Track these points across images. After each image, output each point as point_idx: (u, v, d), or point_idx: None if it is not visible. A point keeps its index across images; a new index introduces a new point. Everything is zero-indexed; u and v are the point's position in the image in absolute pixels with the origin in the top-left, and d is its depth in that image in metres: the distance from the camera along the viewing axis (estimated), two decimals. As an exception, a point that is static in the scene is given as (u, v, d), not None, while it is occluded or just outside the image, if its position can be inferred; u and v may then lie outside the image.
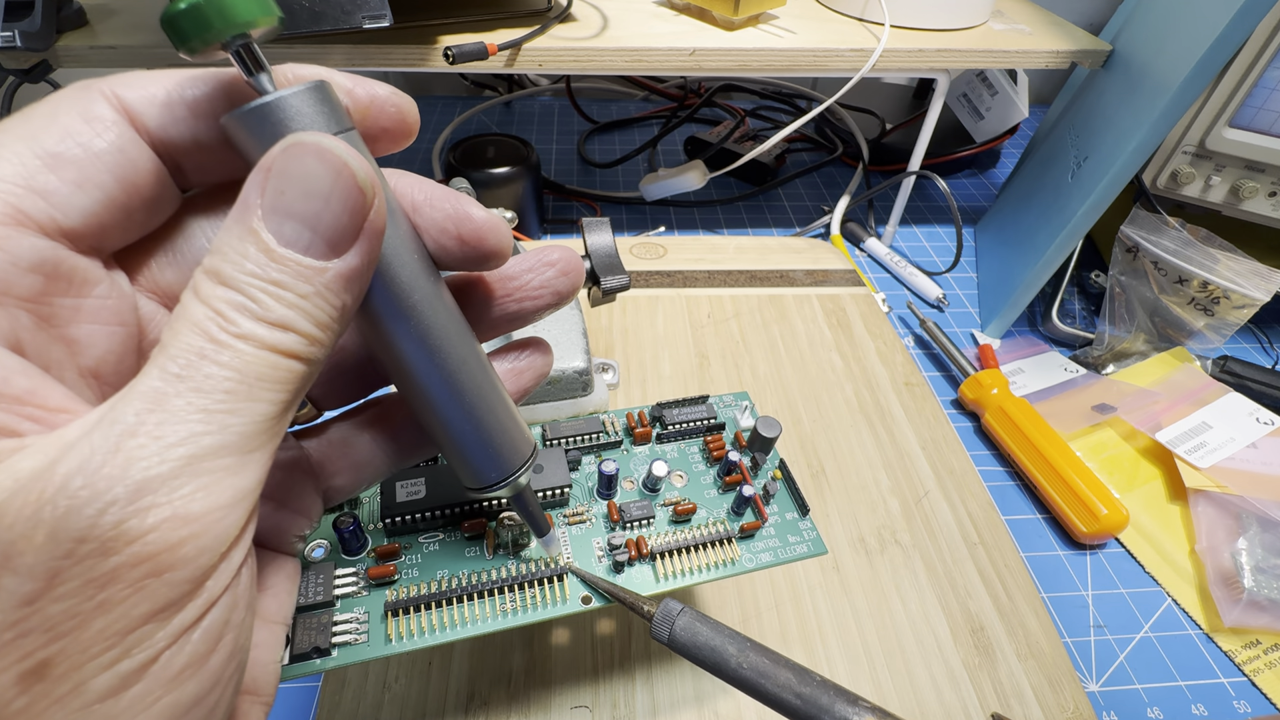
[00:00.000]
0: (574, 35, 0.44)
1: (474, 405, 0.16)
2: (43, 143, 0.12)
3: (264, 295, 0.11)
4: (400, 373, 0.15)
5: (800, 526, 0.24)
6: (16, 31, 0.38)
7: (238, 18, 0.11)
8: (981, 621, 0.31)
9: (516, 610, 0.20)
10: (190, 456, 0.11)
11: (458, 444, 0.17)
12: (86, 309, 0.13)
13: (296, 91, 0.13)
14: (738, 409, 0.27)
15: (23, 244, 0.12)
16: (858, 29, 0.49)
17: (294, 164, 0.12)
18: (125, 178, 0.13)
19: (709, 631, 0.18)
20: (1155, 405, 0.44)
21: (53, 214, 0.12)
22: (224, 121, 0.13)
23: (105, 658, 0.10)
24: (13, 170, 0.12)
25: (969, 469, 0.38)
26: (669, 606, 0.19)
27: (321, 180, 0.12)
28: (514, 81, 0.79)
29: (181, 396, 0.11)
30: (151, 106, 0.13)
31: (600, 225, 0.37)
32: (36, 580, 0.10)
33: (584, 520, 0.23)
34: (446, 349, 0.15)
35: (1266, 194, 0.46)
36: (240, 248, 0.11)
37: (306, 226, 0.12)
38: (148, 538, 0.10)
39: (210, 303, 0.11)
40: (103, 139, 0.12)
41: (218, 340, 0.11)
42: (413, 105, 0.15)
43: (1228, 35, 0.37)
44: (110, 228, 0.13)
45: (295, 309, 0.12)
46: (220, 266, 0.11)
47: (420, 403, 0.16)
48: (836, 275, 0.51)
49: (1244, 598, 0.34)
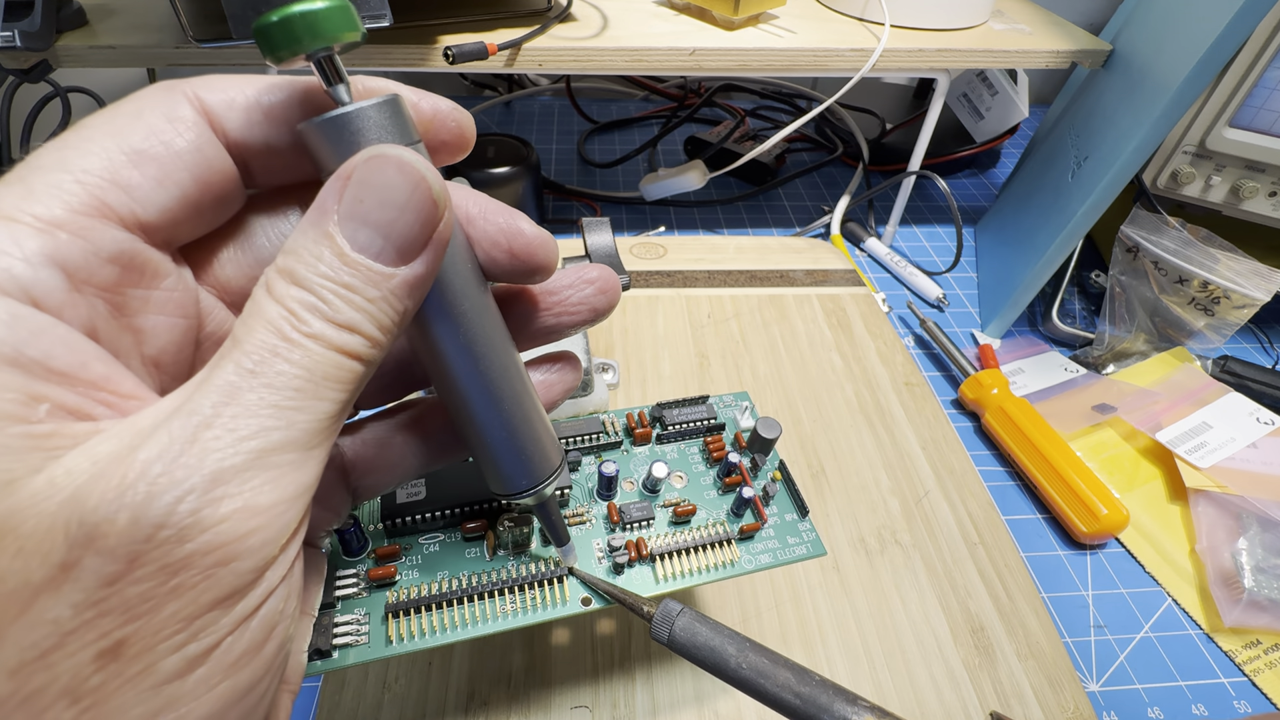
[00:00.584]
0: (574, 35, 0.44)
1: (511, 413, 0.17)
2: (128, 139, 0.12)
3: (334, 297, 0.12)
4: (443, 377, 0.16)
5: (800, 528, 0.24)
6: (16, 31, 0.38)
7: (324, 32, 0.12)
8: (982, 621, 0.31)
9: (517, 612, 0.20)
10: (261, 450, 0.11)
11: (492, 450, 0.17)
12: (155, 300, 0.14)
13: (374, 104, 0.13)
14: (738, 409, 0.27)
15: (105, 235, 0.12)
16: (858, 29, 0.49)
17: (375, 174, 0.12)
18: (201, 176, 0.13)
19: (708, 632, 0.18)
20: (1155, 405, 0.44)
21: (133, 208, 0.12)
22: (301, 128, 0.13)
23: (175, 640, 0.11)
24: (99, 164, 0.12)
25: (969, 469, 0.38)
26: (668, 607, 0.19)
27: (400, 191, 0.12)
28: (514, 81, 0.79)
29: (254, 391, 0.11)
30: (230, 110, 0.14)
31: (600, 225, 0.37)
32: (118, 562, 0.10)
33: (584, 521, 0.23)
34: (490, 357, 0.16)
35: (1267, 194, 0.46)
36: (315, 250, 0.12)
37: (380, 234, 0.12)
38: (220, 527, 0.11)
39: (284, 301, 0.12)
40: (183, 138, 0.13)
41: (289, 338, 0.12)
42: (470, 119, 0.16)
43: (1228, 35, 0.37)
44: (183, 223, 0.14)
45: (362, 312, 0.12)
46: (294, 267, 0.12)
47: (459, 407, 0.16)
48: (837, 275, 0.51)
49: (1244, 598, 0.34)
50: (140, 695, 0.10)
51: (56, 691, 0.10)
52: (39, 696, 0.10)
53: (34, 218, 0.11)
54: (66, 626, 0.10)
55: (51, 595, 0.10)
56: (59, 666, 0.10)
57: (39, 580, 0.10)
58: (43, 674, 0.10)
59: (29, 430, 0.10)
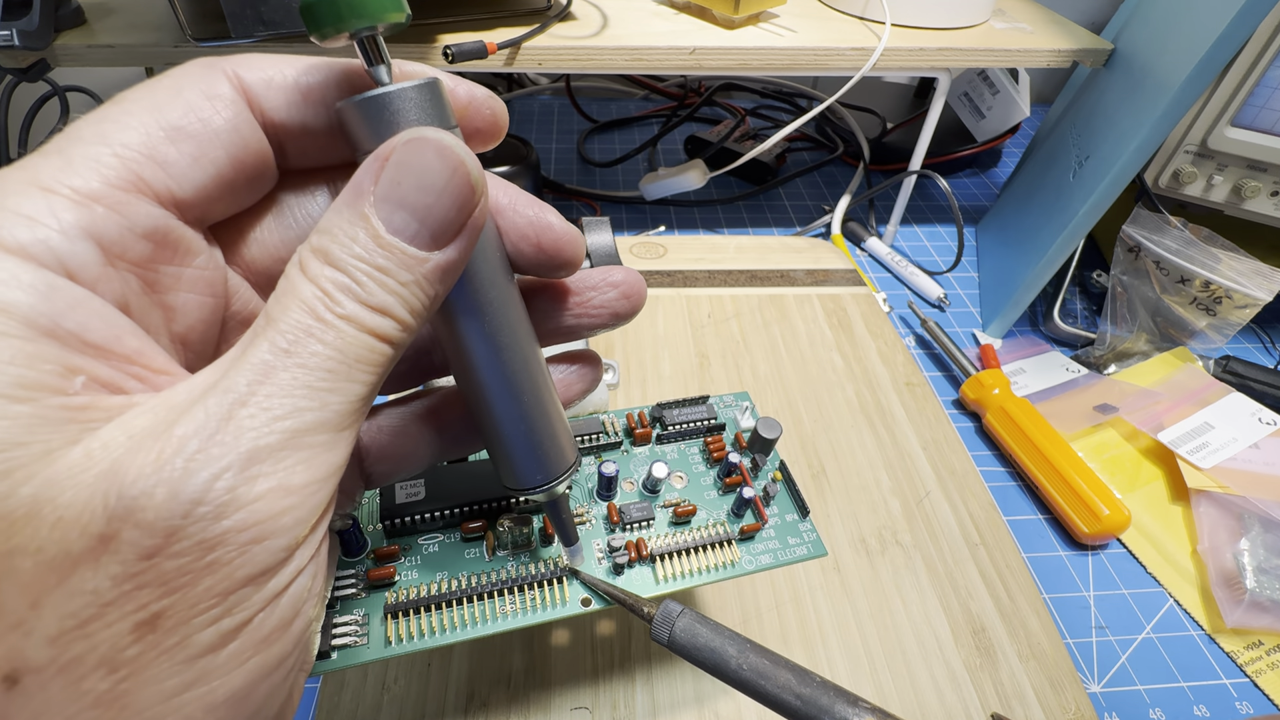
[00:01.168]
0: (574, 34, 0.44)
1: (529, 408, 0.16)
2: (167, 115, 0.12)
3: (367, 279, 0.12)
4: (465, 366, 0.16)
5: (800, 528, 0.24)
6: (14, 30, 0.38)
7: (367, 11, 0.12)
8: (983, 622, 0.31)
9: (516, 612, 0.20)
10: (295, 430, 0.11)
11: (508, 443, 0.17)
12: (186, 278, 0.14)
13: (414, 85, 0.13)
14: (738, 409, 0.27)
15: (140, 210, 0.12)
16: (859, 28, 0.48)
17: (414, 156, 0.12)
18: (236, 155, 0.13)
19: (709, 633, 0.18)
20: (1157, 405, 0.43)
21: (169, 184, 0.12)
22: (340, 106, 0.13)
23: (210, 614, 0.11)
24: (138, 139, 0.12)
25: (970, 469, 0.38)
26: (669, 608, 0.19)
27: (438, 175, 0.12)
28: (513, 80, 0.79)
29: (288, 371, 0.11)
30: (268, 89, 0.14)
31: (600, 225, 0.37)
32: (155, 536, 0.10)
33: (584, 522, 0.23)
34: (513, 348, 0.16)
35: (1269, 193, 0.45)
36: (350, 231, 0.12)
37: (415, 217, 0.12)
38: (254, 505, 0.11)
39: (318, 281, 0.12)
40: (221, 116, 0.13)
41: (323, 319, 0.12)
42: (504, 108, 0.16)
43: (1230, 34, 0.36)
44: (217, 201, 0.14)
45: (395, 295, 0.12)
46: (329, 247, 0.12)
47: (478, 398, 0.16)
48: (837, 275, 0.51)
49: (1246, 598, 0.34)
50: (175, 667, 0.11)
51: (94, 661, 0.10)
52: (77, 665, 0.10)
53: (72, 190, 0.11)
54: (105, 598, 0.10)
55: (90, 566, 0.10)
56: (97, 636, 0.10)
57: (78, 551, 0.10)
58: (82, 643, 0.10)
59: (66, 402, 0.11)
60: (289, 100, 0.14)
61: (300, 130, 0.14)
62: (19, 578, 0.10)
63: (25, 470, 0.10)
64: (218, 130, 0.13)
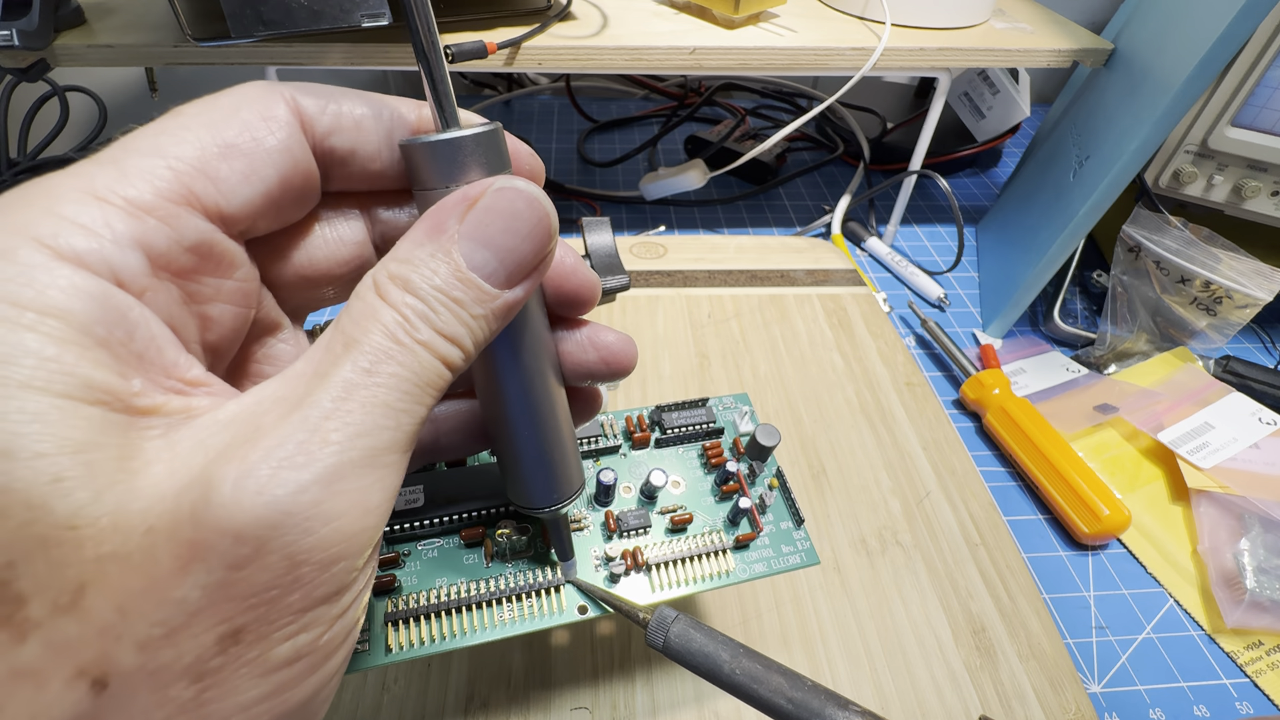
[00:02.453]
0: (574, 34, 0.44)
1: (548, 436, 0.17)
2: (222, 132, 0.13)
3: (444, 309, 0.13)
4: (496, 394, 0.17)
5: (795, 536, 0.24)
6: (14, 30, 0.38)
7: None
8: (983, 622, 0.31)
9: (515, 620, 0.20)
10: (374, 449, 0.12)
11: (524, 466, 0.18)
12: (225, 290, 0.14)
13: (485, 132, 0.14)
14: (737, 412, 0.27)
15: (188, 224, 0.12)
16: (859, 27, 0.48)
17: (505, 202, 0.13)
18: (285, 175, 0.14)
19: (703, 638, 0.18)
20: (1157, 405, 0.43)
21: (218, 199, 0.13)
22: (406, 144, 0.14)
23: (289, 629, 0.11)
24: (192, 153, 0.12)
25: (970, 469, 0.38)
26: (663, 614, 0.19)
27: (526, 222, 0.13)
28: (513, 80, 0.79)
29: (369, 389, 0.12)
30: (323, 115, 0.14)
31: (600, 225, 0.37)
32: (245, 546, 0.10)
33: (581, 528, 0.23)
34: (542, 380, 0.17)
35: (1269, 193, 0.45)
36: (432, 264, 0.13)
37: (496, 257, 0.13)
38: (337, 523, 0.11)
39: (398, 307, 0.12)
40: (275, 137, 0.13)
41: (402, 343, 0.12)
42: (541, 165, 0.17)
43: (1230, 34, 0.36)
44: (261, 218, 0.14)
45: (466, 326, 0.13)
46: (410, 275, 0.13)
47: (503, 423, 0.17)
48: (837, 275, 0.51)
49: (1246, 598, 0.34)
50: (254, 680, 0.11)
51: (180, 669, 0.10)
52: (164, 672, 0.10)
53: (125, 200, 0.11)
54: (193, 608, 0.10)
55: (180, 575, 0.10)
56: (184, 645, 0.10)
57: (167, 559, 0.10)
58: (169, 650, 0.10)
59: (132, 404, 0.11)
60: (342, 129, 0.15)
61: (348, 157, 0.15)
62: (108, 583, 0.10)
63: (107, 476, 0.10)
64: (270, 150, 0.13)
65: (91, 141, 0.48)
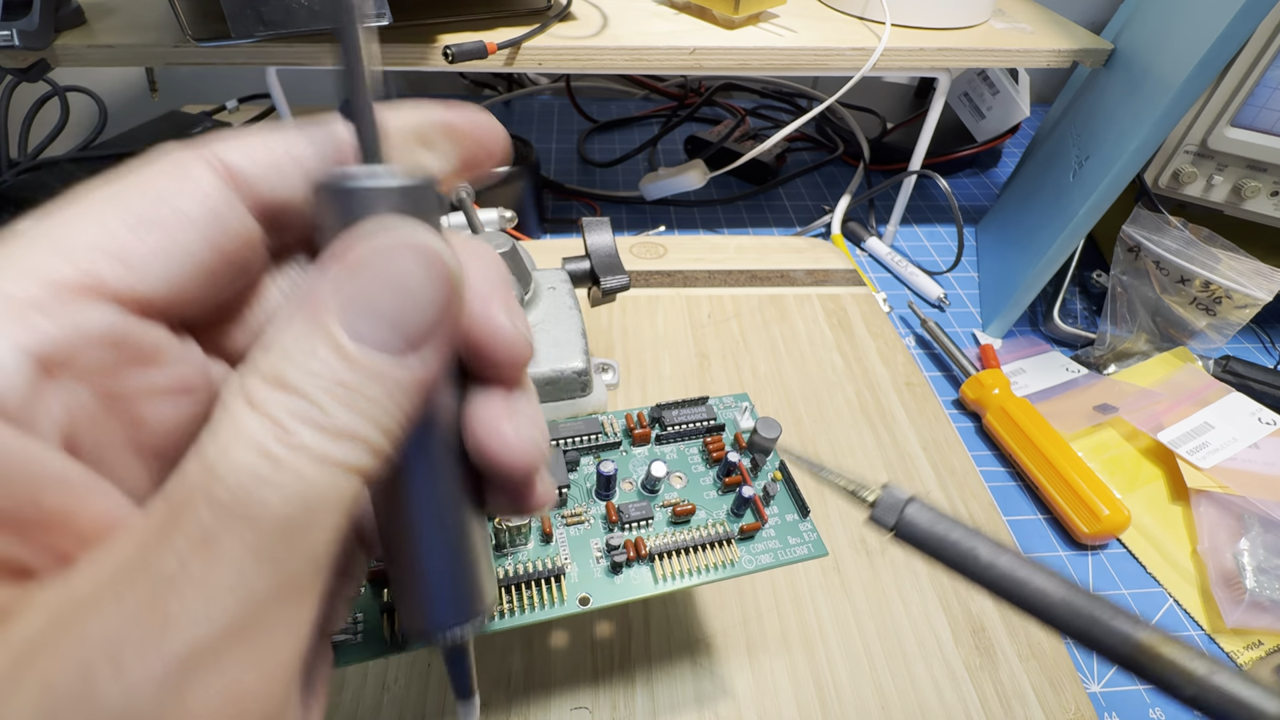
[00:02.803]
0: (574, 34, 0.44)
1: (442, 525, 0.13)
2: (130, 204, 0.11)
3: (329, 399, 0.10)
4: (395, 494, 0.13)
5: (801, 528, 0.24)
6: (14, 30, 0.38)
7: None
8: (983, 622, 0.31)
9: (514, 611, 0.20)
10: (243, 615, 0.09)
11: (413, 569, 0.13)
12: (159, 384, 0.12)
13: (403, 185, 0.11)
14: (737, 410, 0.27)
15: (91, 315, 0.10)
16: (859, 28, 0.48)
17: (383, 260, 0.10)
18: (217, 242, 0.12)
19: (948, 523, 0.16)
20: (1157, 405, 0.43)
21: (131, 282, 0.11)
22: (313, 184, 0.12)
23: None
24: (93, 235, 0.10)
25: (970, 469, 0.38)
26: (893, 493, 0.17)
27: (414, 277, 0.11)
28: (513, 80, 0.79)
29: (232, 533, 0.09)
30: (255, 166, 0.12)
31: (600, 225, 0.37)
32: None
33: (582, 521, 0.23)
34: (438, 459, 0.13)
35: (1268, 193, 0.45)
36: (306, 345, 0.10)
37: (385, 322, 0.10)
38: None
39: (268, 411, 0.10)
40: (193, 201, 0.11)
41: (275, 457, 0.09)
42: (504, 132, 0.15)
43: (1229, 34, 0.36)
44: (194, 295, 0.12)
45: (361, 414, 0.10)
46: (284, 369, 0.10)
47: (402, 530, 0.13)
48: (837, 275, 0.51)
49: (1246, 598, 0.34)
50: None
51: None
52: None
53: (3, 296, 0.10)
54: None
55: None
56: None
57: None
58: None
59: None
60: (279, 175, 0.12)
61: (295, 205, 0.13)
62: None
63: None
64: (193, 217, 0.11)
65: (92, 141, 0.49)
